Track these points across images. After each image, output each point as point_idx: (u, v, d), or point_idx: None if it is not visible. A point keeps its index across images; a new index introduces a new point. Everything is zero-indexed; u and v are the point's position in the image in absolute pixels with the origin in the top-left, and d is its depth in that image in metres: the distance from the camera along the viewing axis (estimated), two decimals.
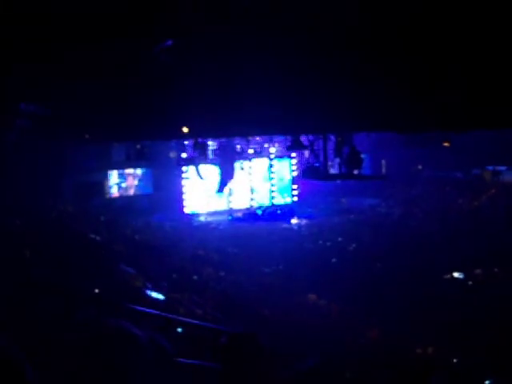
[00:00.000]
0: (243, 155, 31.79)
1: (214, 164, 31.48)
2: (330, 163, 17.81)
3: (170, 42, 5.51)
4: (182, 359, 4.73)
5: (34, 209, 19.45)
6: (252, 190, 34.94)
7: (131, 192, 33.79)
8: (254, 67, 6.15)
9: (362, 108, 9.47)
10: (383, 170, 35.51)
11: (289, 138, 20.37)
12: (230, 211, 33.93)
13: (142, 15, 4.46)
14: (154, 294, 14.90)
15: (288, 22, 4.53)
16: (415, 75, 6.25)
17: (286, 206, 35.36)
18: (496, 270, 21.64)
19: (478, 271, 21.95)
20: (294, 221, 33.21)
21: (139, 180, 33.77)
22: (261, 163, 34.89)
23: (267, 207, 34.62)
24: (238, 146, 30.27)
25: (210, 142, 26.85)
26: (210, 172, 32.38)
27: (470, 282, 21.57)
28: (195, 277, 19.97)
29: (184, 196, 33.06)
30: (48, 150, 23.87)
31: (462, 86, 6.84)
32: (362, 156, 16.61)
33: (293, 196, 36.38)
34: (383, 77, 6.45)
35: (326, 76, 6.58)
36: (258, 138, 30.68)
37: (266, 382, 2.65)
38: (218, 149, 29.55)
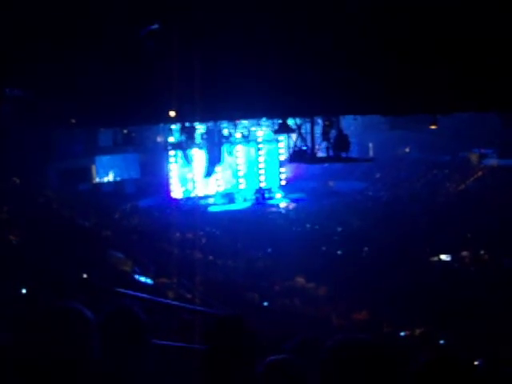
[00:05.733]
0: (230, 139, 31.61)
1: (202, 148, 31.34)
2: (317, 146, 17.78)
3: (156, 26, 5.46)
4: (167, 342, 4.77)
5: (20, 195, 19.32)
6: (239, 174, 34.84)
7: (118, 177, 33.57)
8: (241, 51, 6.13)
9: (349, 91, 9.47)
10: (370, 153, 35.53)
11: (276, 121, 20.32)
12: (218, 195, 33.88)
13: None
14: (143, 279, 14.91)
15: (275, 7, 4.51)
16: (400, 57, 6.25)
17: (273, 189, 35.33)
18: (482, 252, 21.84)
19: (464, 253, 22.14)
20: (282, 204, 33.23)
21: (126, 165, 33.51)
22: (248, 147, 34.76)
23: (255, 191, 34.58)
24: (226, 130, 30.07)
25: (197, 126, 26.66)
26: (198, 156, 32.26)
27: (457, 264, 21.77)
28: (184, 261, 19.97)
29: (171, 180, 32.95)
30: (33, 135, 23.65)
31: (447, 68, 6.85)
32: (350, 139, 16.60)
33: (280, 179, 36.35)
34: (368, 60, 6.45)
35: (312, 60, 6.57)
36: (245, 122, 30.48)
37: (250, 364, 2.67)
38: (206, 133, 29.37)
